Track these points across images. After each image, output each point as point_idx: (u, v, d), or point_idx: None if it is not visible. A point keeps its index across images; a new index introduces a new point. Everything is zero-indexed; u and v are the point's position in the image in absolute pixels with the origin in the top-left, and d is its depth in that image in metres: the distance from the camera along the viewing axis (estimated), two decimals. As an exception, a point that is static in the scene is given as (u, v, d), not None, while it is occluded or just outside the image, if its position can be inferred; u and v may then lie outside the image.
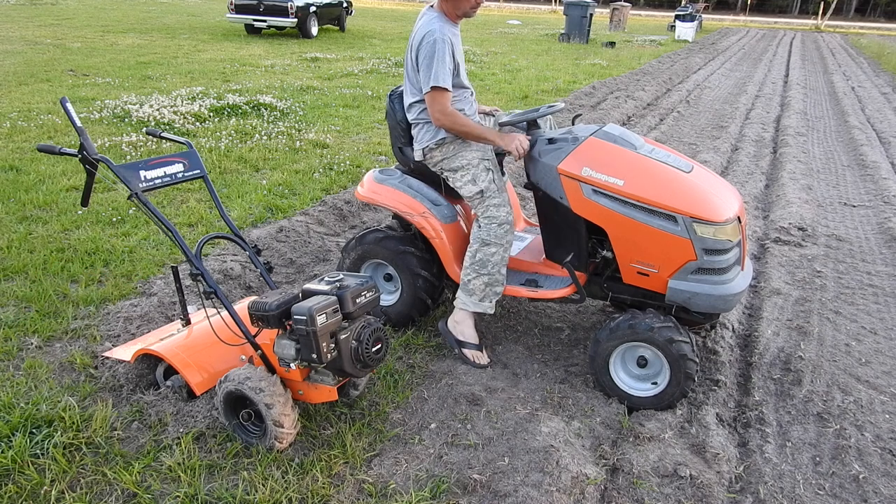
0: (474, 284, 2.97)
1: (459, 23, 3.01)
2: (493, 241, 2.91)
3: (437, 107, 2.82)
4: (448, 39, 2.81)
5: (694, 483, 2.35)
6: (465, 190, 2.99)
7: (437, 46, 2.77)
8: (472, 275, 2.96)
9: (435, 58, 2.77)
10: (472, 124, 2.87)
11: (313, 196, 5.20)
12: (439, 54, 2.77)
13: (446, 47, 2.79)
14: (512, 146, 2.83)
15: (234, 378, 2.33)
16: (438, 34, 2.78)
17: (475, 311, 3.03)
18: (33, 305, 3.33)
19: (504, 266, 2.97)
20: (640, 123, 8.73)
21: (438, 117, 2.84)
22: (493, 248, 2.92)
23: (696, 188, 2.66)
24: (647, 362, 2.77)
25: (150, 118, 7.07)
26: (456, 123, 2.85)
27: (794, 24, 43.17)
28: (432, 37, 2.78)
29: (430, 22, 2.85)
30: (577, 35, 19.81)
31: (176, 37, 15.37)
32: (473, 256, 2.95)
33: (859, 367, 3.25)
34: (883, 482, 2.47)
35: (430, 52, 2.77)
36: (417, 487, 2.28)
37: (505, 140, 2.85)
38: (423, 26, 2.86)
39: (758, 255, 4.70)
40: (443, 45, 2.78)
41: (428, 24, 2.84)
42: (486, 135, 2.89)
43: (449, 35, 2.83)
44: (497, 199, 2.95)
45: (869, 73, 16.99)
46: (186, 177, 2.60)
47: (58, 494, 2.15)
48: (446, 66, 2.78)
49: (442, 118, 2.84)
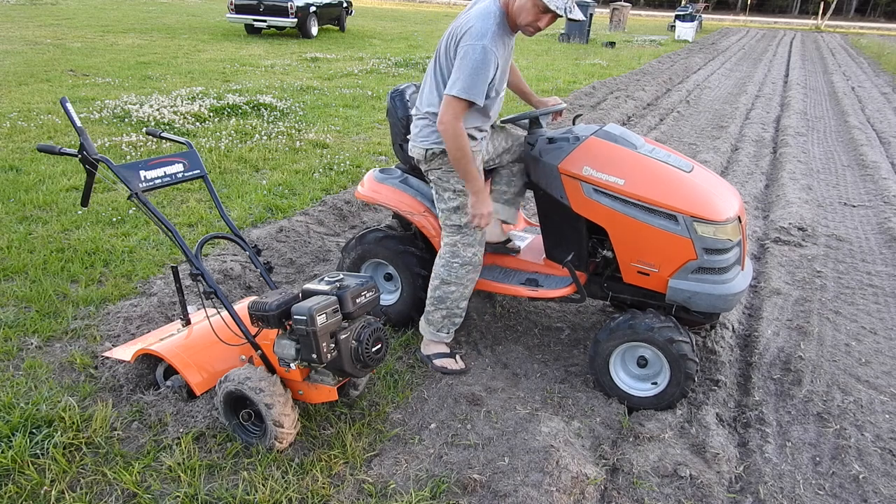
0: (433, 317, 2.97)
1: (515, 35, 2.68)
2: (454, 280, 2.88)
3: (451, 113, 2.53)
4: (495, 53, 2.48)
5: (694, 483, 2.35)
6: (444, 214, 2.85)
7: (486, 58, 2.45)
8: (432, 308, 2.96)
9: (477, 69, 2.45)
10: (469, 154, 2.61)
11: (313, 196, 5.20)
12: (483, 67, 2.46)
13: (491, 62, 2.47)
14: (475, 209, 2.68)
15: (234, 378, 2.33)
16: (490, 45, 2.45)
17: (432, 339, 3.04)
18: (33, 305, 3.33)
19: (464, 300, 2.95)
20: (640, 123, 8.73)
21: (446, 124, 2.55)
22: (452, 287, 2.90)
23: (697, 188, 2.66)
24: (648, 362, 2.77)
25: (150, 118, 7.07)
26: (456, 142, 2.56)
27: (794, 24, 43.19)
28: (482, 44, 2.44)
29: (487, 21, 2.48)
30: (577, 35, 19.82)
31: (176, 37, 15.37)
32: (433, 292, 2.93)
33: (859, 367, 3.24)
34: (883, 482, 2.47)
35: (474, 61, 2.45)
36: (417, 487, 2.28)
37: (477, 198, 2.68)
38: (479, 24, 2.48)
39: (758, 255, 4.70)
40: (491, 58, 2.46)
41: (484, 25, 2.47)
42: (470, 176, 2.65)
43: (499, 47, 2.51)
44: (470, 238, 2.85)
45: (869, 73, 16.99)
46: (186, 177, 2.60)
47: (58, 494, 2.15)
48: (485, 81, 2.50)
49: (447, 127, 2.55)
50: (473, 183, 2.67)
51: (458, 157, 2.61)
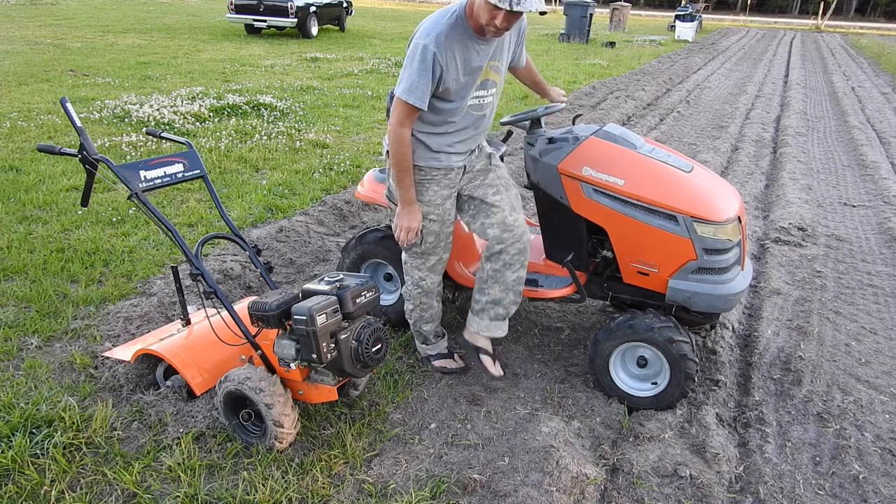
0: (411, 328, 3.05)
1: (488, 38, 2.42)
2: (409, 297, 2.91)
3: (396, 116, 2.42)
4: (437, 54, 2.30)
5: (694, 483, 2.36)
6: None
7: (424, 58, 2.31)
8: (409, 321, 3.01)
9: (415, 69, 2.33)
10: (408, 167, 2.48)
11: (313, 196, 5.20)
12: (422, 68, 2.32)
13: (430, 62, 2.31)
14: (400, 220, 2.57)
15: (234, 378, 2.33)
16: (432, 45, 2.30)
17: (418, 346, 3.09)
18: (33, 305, 3.33)
19: (425, 323, 2.96)
20: (640, 123, 8.73)
21: (391, 127, 2.44)
22: (410, 305, 2.93)
23: (697, 188, 2.66)
24: (647, 362, 2.78)
25: (150, 118, 7.07)
26: (396, 146, 2.44)
27: (794, 24, 43.19)
28: (423, 43, 2.32)
29: (439, 21, 2.35)
30: (577, 35, 19.82)
31: (176, 37, 15.37)
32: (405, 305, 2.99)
33: (859, 367, 3.25)
34: (883, 482, 2.47)
35: (413, 61, 2.34)
36: (417, 487, 2.28)
37: (404, 211, 2.56)
38: (429, 23, 2.38)
39: (758, 255, 4.70)
40: (429, 58, 2.31)
41: (432, 24, 2.35)
42: (402, 185, 2.52)
43: (451, 48, 2.33)
44: (418, 262, 2.78)
45: (869, 73, 16.99)
46: (186, 177, 2.60)
47: (58, 494, 2.15)
48: (427, 83, 2.34)
49: (391, 130, 2.44)
50: (405, 193, 2.55)
51: (394, 163, 2.50)
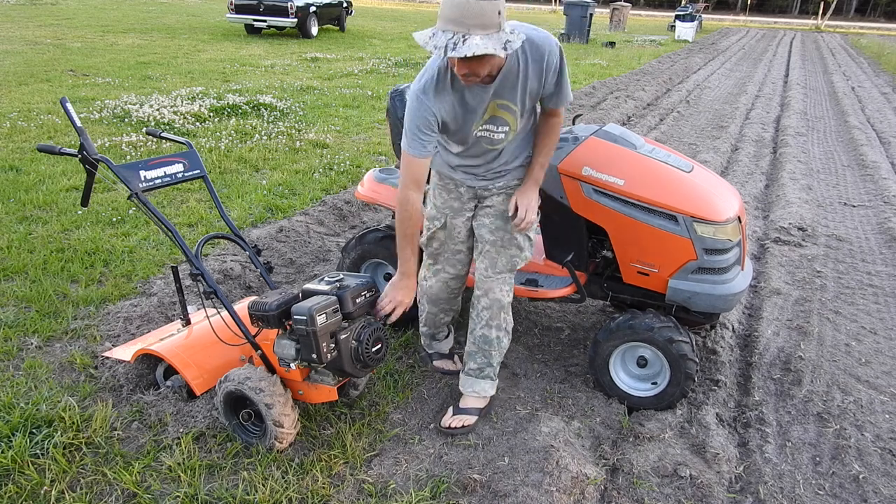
0: None
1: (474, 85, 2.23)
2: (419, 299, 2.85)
3: (402, 173, 2.31)
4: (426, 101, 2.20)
5: (694, 483, 2.36)
6: None
7: (412, 105, 2.23)
8: None
9: (410, 117, 2.24)
10: (411, 233, 2.33)
11: (313, 196, 5.20)
12: (415, 115, 2.22)
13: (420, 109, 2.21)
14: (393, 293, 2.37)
15: (234, 378, 2.33)
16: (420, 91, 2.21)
17: None
18: (33, 305, 3.33)
19: (424, 326, 2.94)
20: (640, 123, 8.73)
21: (398, 187, 2.34)
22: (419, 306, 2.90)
23: (697, 188, 2.67)
24: (647, 362, 2.78)
25: (150, 118, 7.07)
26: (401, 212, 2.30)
27: (794, 24, 43.19)
28: (413, 90, 2.24)
29: (428, 69, 2.24)
30: (577, 35, 19.83)
31: (176, 37, 15.37)
32: None
33: (859, 367, 3.25)
34: (883, 482, 2.47)
35: (407, 109, 2.26)
36: (417, 487, 2.28)
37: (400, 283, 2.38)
38: (421, 71, 2.28)
39: (758, 255, 4.70)
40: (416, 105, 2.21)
41: (422, 72, 2.26)
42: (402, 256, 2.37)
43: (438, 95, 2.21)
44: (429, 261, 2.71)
45: (869, 73, 16.99)
46: (186, 177, 2.60)
47: (58, 494, 2.15)
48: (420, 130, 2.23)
49: (398, 191, 2.32)
50: (405, 263, 2.39)
51: (397, 226, 2.35)
